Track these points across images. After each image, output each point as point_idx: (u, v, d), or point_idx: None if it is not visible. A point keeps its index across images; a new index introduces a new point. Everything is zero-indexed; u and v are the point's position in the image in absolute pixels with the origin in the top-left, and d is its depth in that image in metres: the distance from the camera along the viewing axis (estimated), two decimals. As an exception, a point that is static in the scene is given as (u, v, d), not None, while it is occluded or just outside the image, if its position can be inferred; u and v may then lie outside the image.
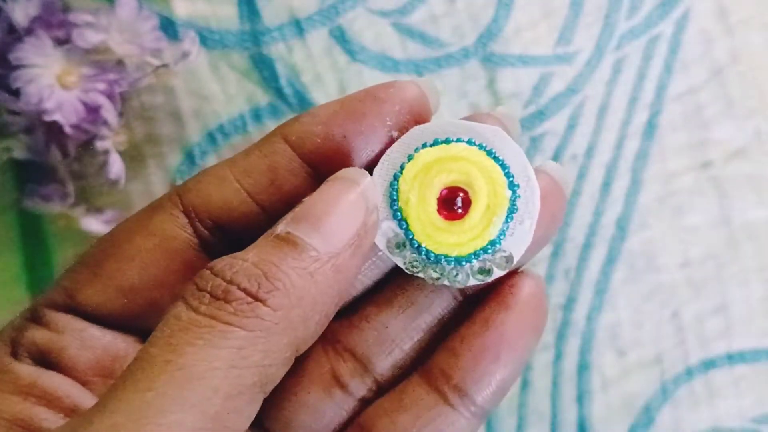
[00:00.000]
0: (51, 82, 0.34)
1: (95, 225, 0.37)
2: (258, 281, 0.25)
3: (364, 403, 0.30)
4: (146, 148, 0.38)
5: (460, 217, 0.28)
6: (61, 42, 0.35)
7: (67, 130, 0.35)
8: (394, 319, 0.30)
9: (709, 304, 0.40)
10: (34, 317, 0.29)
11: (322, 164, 0.28)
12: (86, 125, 0.35)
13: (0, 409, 0.27)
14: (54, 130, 0.35)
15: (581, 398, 0.40)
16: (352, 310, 0.31)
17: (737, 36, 0.40)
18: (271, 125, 0.38)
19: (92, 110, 0.35)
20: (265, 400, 0.26)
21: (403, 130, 0.29)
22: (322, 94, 0.38)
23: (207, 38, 0.38)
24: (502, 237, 0.28)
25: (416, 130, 0.29)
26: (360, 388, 0.30)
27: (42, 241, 0.39)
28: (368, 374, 0.30)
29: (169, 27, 0.37)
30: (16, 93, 0.34)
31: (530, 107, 0.39)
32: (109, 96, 0.35)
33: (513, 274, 0.30)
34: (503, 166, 0.28)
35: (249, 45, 0.38)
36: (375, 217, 0.27)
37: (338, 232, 0.26)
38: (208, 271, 0.25)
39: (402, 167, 0.28)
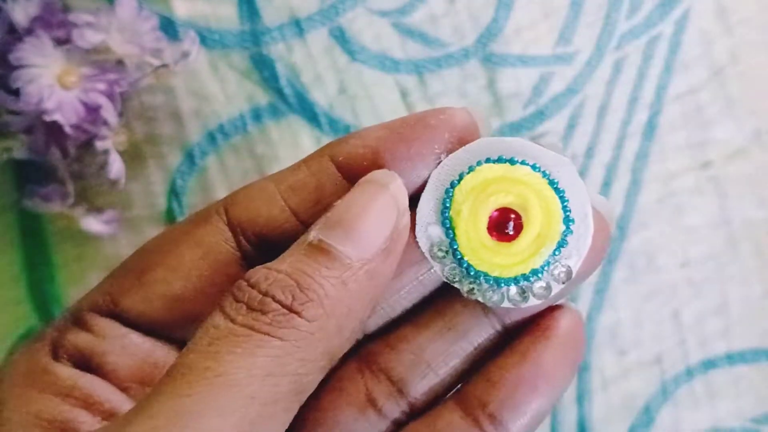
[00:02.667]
0: (51, 82, 0.34)
1: (95, 225, 0.37)
2: (292, 293, 0.25)
3: (398, 425, 0.30)
4: (146, 148, 0.38)
5: (509, 239, 0.28)
6: (61, 42, 0.35)
7: (67, 130, 0.35)
8: (431, 343, 0.30)
9: (709, 304, 0.40)
10: (76, 320, 0.29)
11: None
12: (86, 125, 0.35)
13: (40, 409, 0.27)
14: (54, 130, 0.35)
15: (581, 398, 0.40)
16: (390, 331, 0.30)
17: (737, 36, 0.40)
18: (271, 125, 0.38)
19: (92, 110, 0.35)
20: (300, 417, 0.26)
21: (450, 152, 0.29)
22: (322, 94, 0.38)
23: (207, 38, 0.38)
24: (545, 268, 0.28)
25: (483, 141, 0.28)
26: (394, 410, 0.30)
27: (42, 241, 0.39)
28: (402, 397, 0.30)
29: (169, 27, 0.37)
30: (16, 93, 0.34)
31: (530, 107, 0.39)
32: (109, 96, 0.35)
33: (553, 307, 0.30)
34: (563, 198, 0.28)
35: (249, 45, 0.38)
36: (406, 219, 0.27)
37: (370, 238, 0.26)
38: (245, 283, 0.26)
39: (461, 177, 0.28)
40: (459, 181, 0.28)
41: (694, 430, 0.40)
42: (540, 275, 0.28)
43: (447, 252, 0.28)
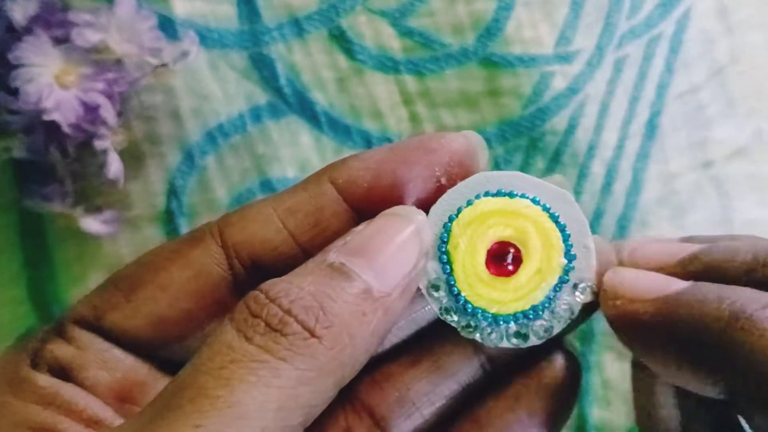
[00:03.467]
0: (50, 81, 0.34)
1: (94, 224, 0.37)
2: (315, 315, 0.24)
3: None
4: (145, 147, 0.38)
5: (508, 274, 0.27)
6: (60, 41, 0.35)
7: (66, 129, 0.35)
8: (417, 381, 0.29)
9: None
10: (58, 331, 0.29)
11: (368, 209, 0.28)
12: (85, 125, 0.35)
13: (24, 417, 0.27)
14: (53, 129, 0.35)
15: (581, 398, 0.40)
16: (376, 367, 0.30)
17: (738, 36, 0.40)
18: (270, 125, 0.38)
19: (91, 110, 0.35)
20: None
21: (451, 180, 0.28)
22: (321, 94, 0.38)
23: (206, 38, 0.38)
24: (546, 305, 0.27)
25: (481, 176, 0.28)
26: None
27: (41, 240, 0.39)
28: None
29: (168, 26, 0.37)
30: (15, 92, 0.34)
31: (531, 107, 0.39)
32: (108, 95, 0.35)
33: (548, 349, 0.29)
34: (564, 232, 0.27)
35: (248, 44, 0.38)
36: (425, 260, 0.27)
37: (392, 271, 0.26)
38: (263, 295, 0.25)
39: (459, 210, 0.28)
40: (457, 215, 0.28)
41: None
42: (540, 312, 0.27)
43: (443, 288, 0.28)
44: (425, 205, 0.28)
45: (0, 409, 0.27)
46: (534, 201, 0.27)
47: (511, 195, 0.27)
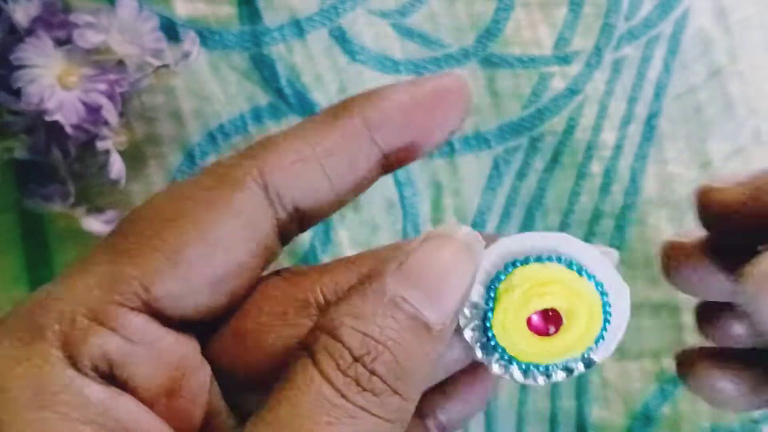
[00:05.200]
0: (52, 82, 0.34)
1: (96, 225, 0.37)
2: (395, 372, 0.24)
3: None
4: (147, 148, 0.38)
5: (552, 335, 0.27)
6: (61, 42, 0.35)
7: (68, 130, 0.35)
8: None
9: (709, 304, 0.40)
10: (98, 316, 0.24)
11: (396, 153, 0.28)
12: (87, 125, 0.35)
13: None
14: (55, 130, 0.35)
15: (581, 398, 0.40)
16: None
17: (736, 36, 0.40)
18: (271, 125, 0.38)
19: (93, 110, 0.35)
20: None
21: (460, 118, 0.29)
22: (322, 95, 0.38)
23: (207, 38, 0.38)
24: (588, 353, 0.28)
25: (556, 235, 0.28)
26: None
27: (43, 241, 0.39)
28: None
29: (169, 27, 0.37)
30: (16, 93, 0.34)
31: (530, 108, 0.39)
32: (110, 96, 0.35)
33: None
34: (603, 293, 0.28)
35: (249, 45, 0.38)
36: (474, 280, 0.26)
37: (450, 303, 0.25)
38: (340, 345, 0.24)
39: (527, 261, 0.27)
40: (522, 263, 0.27)
41: (694, 429, 0.40)
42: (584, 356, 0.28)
43: (477, 322, 0.27)
44: (435, 143, 0.29)
45: (34, 428, 0.22)
46: (596, 285, 0.27)
47: (579, 272, 0.27)
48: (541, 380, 0.28)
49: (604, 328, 0.28)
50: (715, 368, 0.29)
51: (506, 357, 0.27)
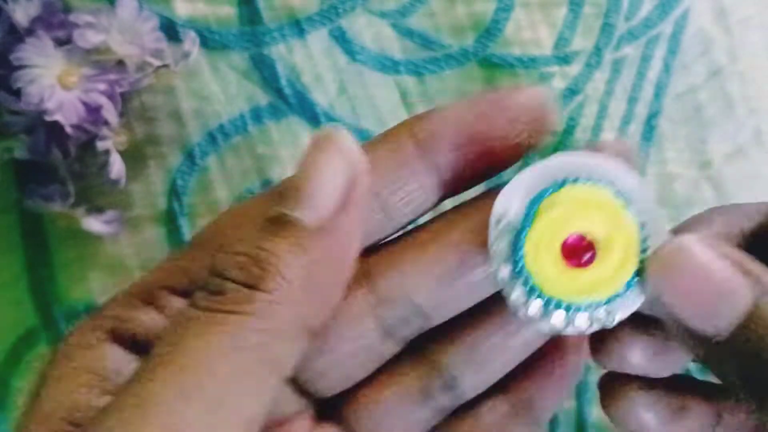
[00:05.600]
0: (52, 82, 0.34)
1: (96, 225, 0.37)
2: (248, 270, 0.24)
3: (444, 414, 0.30)
4: (147, 148, 0.38)
5: (583, 265, 0.26)
6: (61, 42, 0.35)
7: (68, 130, 0.35)
8: (486, 341, 0.29)
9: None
10: (144, 298, 0.27)
11: (450, 167, 0.28)
12: (87, 125, 0.35)
13: (70, 397, 0.25)
14: (55, 130, 0.35)
15: (581, 398, 0.40)
16: (448, 327, 0.29)
17: (736, 36, 0.40)
18: (271, 125, 0.38)
19: (93, 110, 0.35)
20: (349, 399, 0.27)
21: (532, 136, 0.28)
22: (322, 95, 0.38)
23: (207, 38, 0.38)
24: (618, 296, 0.26)
25: (566, 157, 0.27)
26: (443, 399, 0.29)
27: (43, 241, 0.39)
28: (453, 390, 0.29)
29: (169, 27, 0.37)
30: (17, 93, 0.34)
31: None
32: (110, 96, 0.35)
33: None
34: (642, 229, 0.26)
35: (249, 45, 0.38)
36: (362, 166, 0.26)
37: (323, 197, 0.25)
38: (208, 270, 0.25)
39: (542, 194, 0.26)
40: (572, 183, 0.26)
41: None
42: (612, 302, 0.26)
43: (510, 265, 0.26)
44: (505, 162, 0.28)
45: (55, 382, 0.26)
46: (610, 187, 0.26)
47: (596, 182, 0.26)
48: (559, 320, 0.26)
49: (637, 274, 0.26)
50: (638, 398, 0.29)
51: (529, 285, 0.26)
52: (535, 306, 0.26)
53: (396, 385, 0.29)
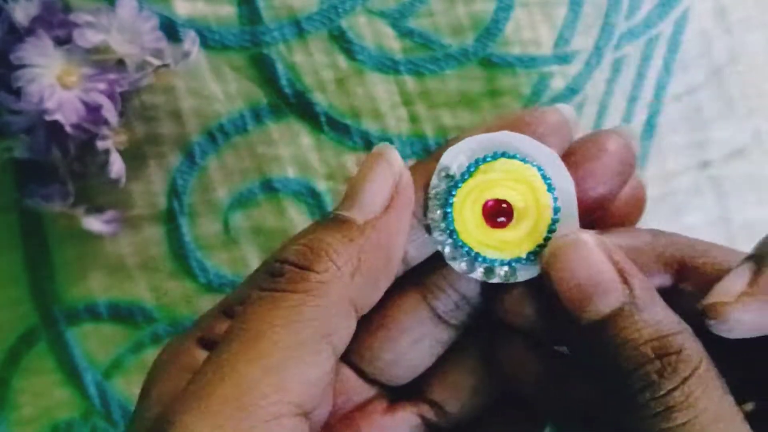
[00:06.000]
0: (52, 81, 0.34)
1: (96, 224, 0.37)
2: (303, 254, 0.29)
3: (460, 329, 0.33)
4: (147, 147, 0.38)
5: (498, 226, 0.31)
6: (61, 42, 0.35)
7: (68, 129, 0.35)
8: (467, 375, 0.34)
9: (709, 304, 0.40)
10: (227, 312, 0.31)
11: None
12: (87, 125, 0.35)
13: (173, 384, 0.29)
14: (55, 129, 0.35)
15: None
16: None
17: (736, 36, 0.40)
18: (271, 125, 0.38)
19: (93, 110, 0.35)
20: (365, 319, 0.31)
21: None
22: (322, 95, 0.38)
23: (207, 38, 0.38)
24: (519, 261, 0.31)
25: (503, 134, 0.31)
26: (457, 316, 0.33)
27: (43, 240, 0.39)
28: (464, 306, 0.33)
29: (169, 27, 0.37)
30: (16, 93, 0.34)
31: (530, 107, 0.39)
32: (110, 96, 0.35)
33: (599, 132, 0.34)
34: (555, 201, 0.31)
35: (249, 45, 0.38)
36: (405, 179, 0.30)
37: (370, 200, 0.30)
38: (271, 257, 0.30)
39: (476, 163, 0.31)
40: (500, 157, 0.31)
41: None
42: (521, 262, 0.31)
43: (442, 227, 0.31)
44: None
45: (158, 379, 0.30)
46: (539, 170, 0.31)
47: (522, 160, 0.31)
48: (479, 272, 0.31)
49: (539, 248, 0.31)
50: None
51: (458, 242, 0.31)
52: (462, 258, 0.31)
53: (404, 299, 0.33)
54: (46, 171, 0.37)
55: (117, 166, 0.36)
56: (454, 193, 0.31)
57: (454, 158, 0.32)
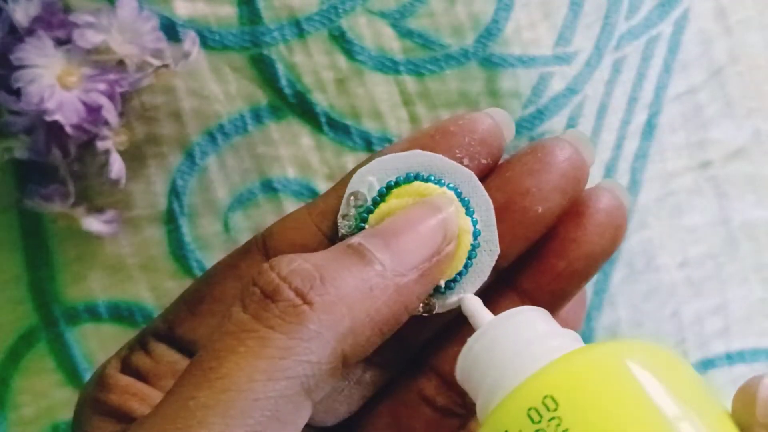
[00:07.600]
0: (52, 82, 0.34)
1: (96, 225, 0.37)
2: (311, 283, 0.25)
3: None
4: (147, 148, 0.38)
5: None
6: (61, 42, 0.35)
7: (68, 130, 0.35)
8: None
9: (708, 304, 0.40)
10: (142, 342, 0.31)
11: None
12: (87, 125, 0.35)
13: (105, 406, 0.30)
14: (55, 130, 0.35)
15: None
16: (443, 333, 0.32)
17: (736, 36, 0.40)
18: (271, 125, 0.38)
19: (93, 110, 0.35)
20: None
21: (474, 159, 0.30)
22: (322, 95, 0.38)
23: (207, 38, 0.38)
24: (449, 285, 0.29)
25: (415, 154, 0.30)
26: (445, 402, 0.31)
27: (43, 241, 0.39)
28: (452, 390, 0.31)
29: (169, 27, 0.37)
30: (17, 93, 0.34)
31: (530, 107, 0.39)
32: (110, 96, 0.35)
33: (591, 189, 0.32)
34: (473, 219, 0.29)
35: (249, 45, 0.38)
36: (452, 248, 0.27)
37: (409, 253, 0.26)
38: (267, 266, 0.26)
39: (394, 183, 0.30)
40: (413, 179, 0.29)
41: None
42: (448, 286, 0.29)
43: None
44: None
45: (90, 403, 0.30)
46: (456, 193, 0.29)
47: (438, 182, 0.29)
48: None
49: (468, 266, 0.29)
50: None
51: None
52: None
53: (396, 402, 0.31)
54: (46, 171, 0.37)
55: (117, 166, 0.36)
56: (366, 217, 0.29)
57: (362, 182, 0.30)
